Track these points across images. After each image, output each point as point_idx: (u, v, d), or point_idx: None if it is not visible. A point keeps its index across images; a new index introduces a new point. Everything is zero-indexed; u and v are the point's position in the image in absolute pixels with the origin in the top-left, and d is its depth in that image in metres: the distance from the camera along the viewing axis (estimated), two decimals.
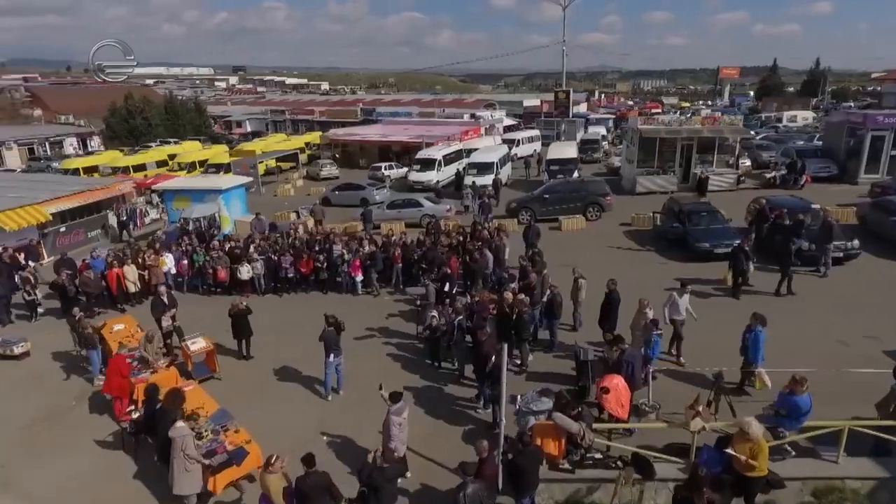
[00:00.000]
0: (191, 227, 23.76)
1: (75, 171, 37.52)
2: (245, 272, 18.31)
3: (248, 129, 66.12)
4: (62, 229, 24.50)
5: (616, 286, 12.66)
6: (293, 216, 27.96)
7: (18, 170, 43.60)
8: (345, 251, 18.15)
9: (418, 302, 15.19)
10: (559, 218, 23.97)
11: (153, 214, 26.42)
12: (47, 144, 54.41)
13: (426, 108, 65.17)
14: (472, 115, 56.25)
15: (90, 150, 55.20)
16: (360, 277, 17.88)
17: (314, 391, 12.53)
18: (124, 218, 26.01)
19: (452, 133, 43.25)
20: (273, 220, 24.21)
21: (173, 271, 19.22)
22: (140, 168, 39.51)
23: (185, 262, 19.17)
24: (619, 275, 13.57)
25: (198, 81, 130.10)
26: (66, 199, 24.42)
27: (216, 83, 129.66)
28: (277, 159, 41.43)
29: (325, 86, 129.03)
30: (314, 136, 50.42)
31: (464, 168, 34.13)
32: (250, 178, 30.26)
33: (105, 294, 18.22)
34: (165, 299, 14.60)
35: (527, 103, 71.40)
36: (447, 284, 15.16)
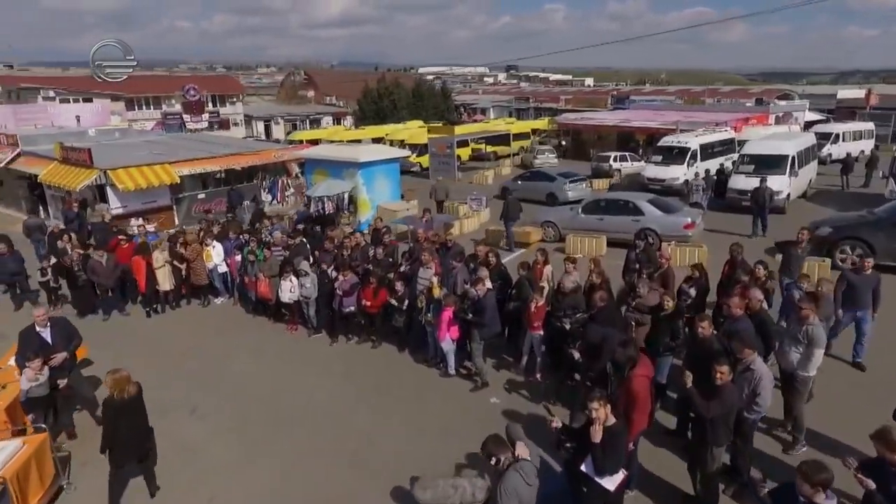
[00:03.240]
0: (312, 208, 17.02)
1: (298, 143, 35.26)
2: (287, 291, 10.39)
3: (492, 115, 60.39)
4: (201, 196, 20.08)
5: None
6: (463, 209, 19.51)
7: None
8: (434, 281, 8.86)
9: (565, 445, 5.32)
10: None
11: (292, 188, 20.68)
12: (308, 121, 55.85)
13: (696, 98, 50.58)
14: (759, 101, 40.52)
15: (343, 127, 55.34)
16: (450, 346, 8.47)
17: None
18: (265, 189, 20.72)
19: (724, 120, 29.71)
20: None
21: (222, 269, 12.36)
22: (355, 143, 35.56)
23: (239, 257, 12.09)
24: None
25: (469, 77, 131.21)
26: (202, 162, 19.87)
27: (485, 79, 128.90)
28: (490, 142, 33.55)
29: (588, 81, 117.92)
30: (543, 122, 41.29)
31: (733, 163, 21.50)
32: (407, 154, 22.76)
33: (122, 288, 12.22)
34: (47, 334, 7.39)
35: (842, 94, 50.99)
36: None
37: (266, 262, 11.01)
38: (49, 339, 7.35)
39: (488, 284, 8.24)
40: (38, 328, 7.31)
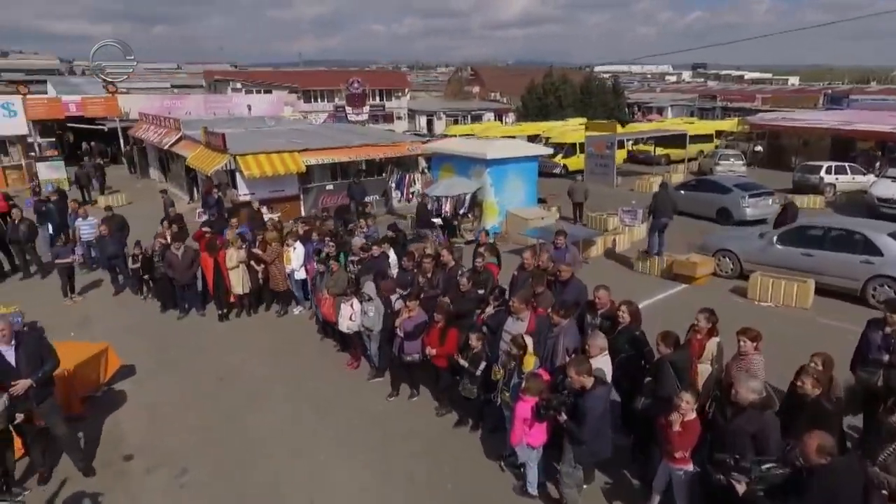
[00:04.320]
0: (429, 206, 14.59)
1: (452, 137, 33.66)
2: (345, 317, 7.96)
3: (670, 115, 53.51)
4: (329, 187, 18.87)
5: None
6: (612, 222, 15.71)
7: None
8: (528, 344, 5.62)
9: None
10: None
11: (418, 185, 18.42)
12: (469, 117, 54.42)
13: None
14: None
15: (504, 124, 53.01)
16: (528, 454, 5.19)
17: None
18: (392, 184, 18.84)
19: None
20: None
21: (300, 275, 10.38)
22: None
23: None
24: None
25: (649, 76, 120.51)
26: (331, 151, 18.55)
27: (666, 78, 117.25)
28: (661, 143, 28.45)
29: (793, 80, 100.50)
30: (730, 123, 34.46)
31: None
32: (548, 152, 19.17)
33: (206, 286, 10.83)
34: (10, 354, 5.72)
35: None
36: None
37: (333, 275, 8.70)
38: (12, 361, 5.68)
39: (602, 364, 4.89)
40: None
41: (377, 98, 49.53)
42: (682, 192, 17.47)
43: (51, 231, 15.00)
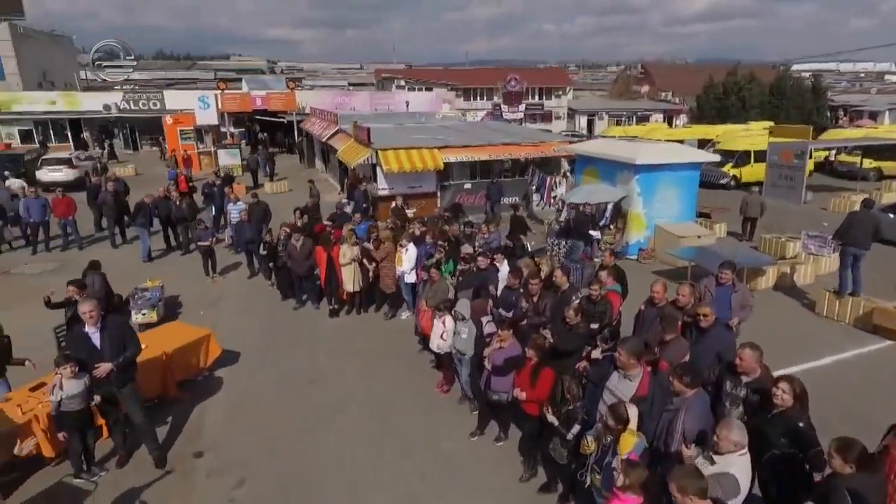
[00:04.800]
0: (563, 216, 13.16)
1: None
2: (436, 335, 7.05)
3: (887, 120, 44.46)
4: (467, 185, 18.26)
5: None
6: (791, 247, 12.85)
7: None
8: (631, 417, 4.20)
9: None
10: None
11: (561, 189, 16.76)
12: (634, 118, 50.51)
13: None
14: None
15: (674, 127, 48.31)
16: None
17: None
18: (532, 187, 17.57)
19: None
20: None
21: (410, 278, 9.72)
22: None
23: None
24: None
25: (862, 75, 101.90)
26: (471, 150, 17.82)
27: (886, 77, 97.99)
28: (871, 155, 23.23)
29: None
30: None
31: None
32: (713, 159, 16.16)
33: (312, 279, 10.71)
34: (96, 337, 5.74)
35: None
36: None
37: (432, 286, 7.86)
38: (97, 343, 5.73)
39: (736, 468, 3.34)
40: (87, 328, 5.75)
41: (536, 96, 48.16)
42: (892, 215, 13.73)
43: (213, 212, 16.46)
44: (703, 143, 27.37)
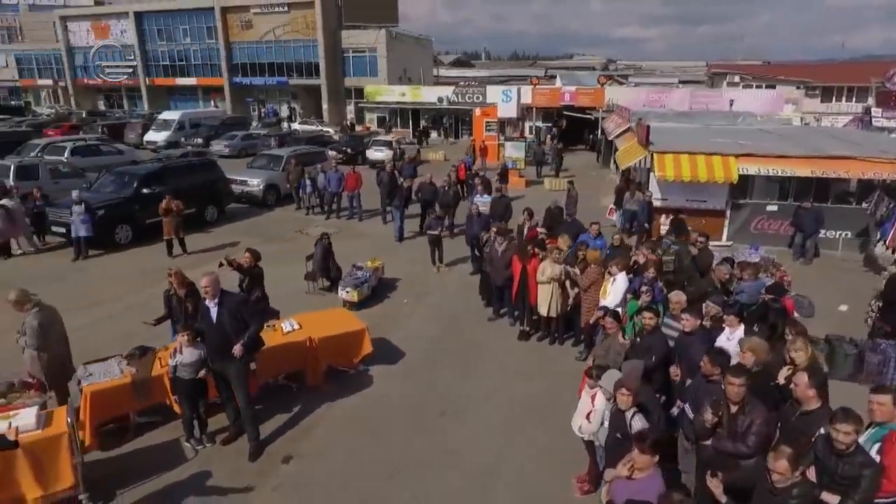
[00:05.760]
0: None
1: None
2: (580, 413, 4.88)
3: None
4: (772, 208, 13.86)
5: None
6: None
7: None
8: None
9: None
10: None
11: None
12: None
13: None
14: None
15: None
16: None
17: None
18: (874, 219, 12.11)
19: None
20: None
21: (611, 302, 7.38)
22: None
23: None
24: None
25: None
26: (784, 161, 13.21)
27: None
28: None
29: None
30: None
31: None
32: None
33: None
34: (213, 310, 5.62)
35: None
36: None
37: (605, 339, 5.57)
38: (214, 317, 5.65)
39: None
40: (207, 301, 5.70)
41: None
42: None
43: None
44: None
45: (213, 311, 5.63)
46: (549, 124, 37.56)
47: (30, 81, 52.68)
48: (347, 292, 9.72)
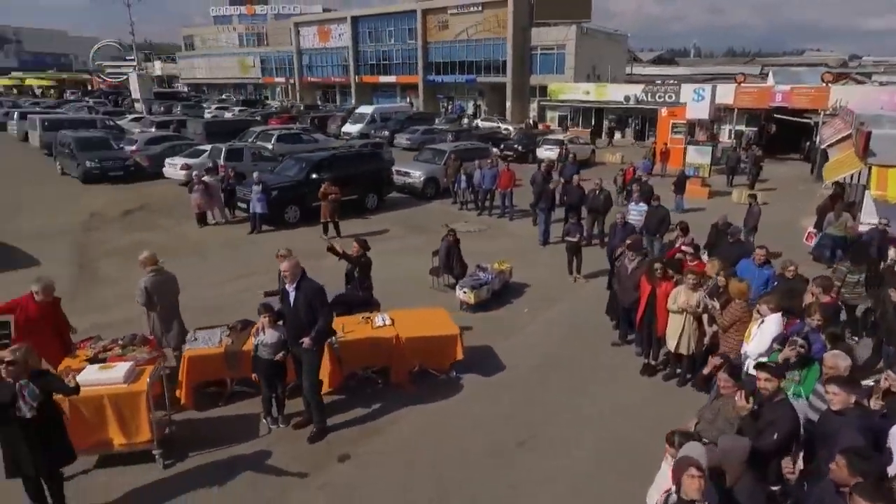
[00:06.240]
0: None
1: None
2: (660, 487, 3.81)
3: None
4: None
5: None
6: None
7: None
8: None
9: None
10: None
11: None
12: None
13: None
14: None
15: None
16: None
17: None
18: None
19: None
20: None
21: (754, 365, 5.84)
22: None
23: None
24: None
25: None
26: None
27: None
28: None
29: None
30: None
31: None
32: None
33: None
34: (292, 295, 5.67)
35: None
36: None
37: (715, 399, 4.30)
38: (292, 301, 5.71)
39: None
40: (287, 285, 5.76)
41: None
42: None
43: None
44: None
45: (292, 296, 5.71)
46: (756, 128, 32.66)
47: (269, 79, 62.37)
48: (465, 293, 9.35)
